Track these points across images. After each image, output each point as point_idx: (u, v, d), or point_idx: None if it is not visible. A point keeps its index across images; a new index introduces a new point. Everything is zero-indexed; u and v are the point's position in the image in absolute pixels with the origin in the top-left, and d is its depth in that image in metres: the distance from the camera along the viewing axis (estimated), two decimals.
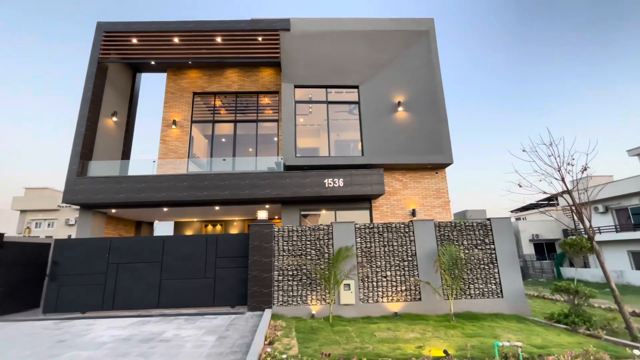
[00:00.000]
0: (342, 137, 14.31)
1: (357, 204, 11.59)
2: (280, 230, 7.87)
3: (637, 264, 24.36)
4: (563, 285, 7.01)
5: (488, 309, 7.47)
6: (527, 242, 33.78)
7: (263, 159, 12.88)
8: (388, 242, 7.85)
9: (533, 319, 7.25)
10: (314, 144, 16.39)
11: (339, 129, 14.76)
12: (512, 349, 4.49)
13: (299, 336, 5.71)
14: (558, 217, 35.35)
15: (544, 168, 7.53)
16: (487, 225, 8.04)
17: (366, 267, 7.69)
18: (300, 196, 10.63)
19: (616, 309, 10.51)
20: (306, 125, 16.34)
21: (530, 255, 33.30)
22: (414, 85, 12.41)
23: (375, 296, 7.51)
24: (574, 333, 6.10)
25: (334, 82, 12.76)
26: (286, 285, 7.51)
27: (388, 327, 6.31)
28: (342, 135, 14.35)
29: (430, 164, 11.67)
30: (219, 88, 14.15)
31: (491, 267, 7.77)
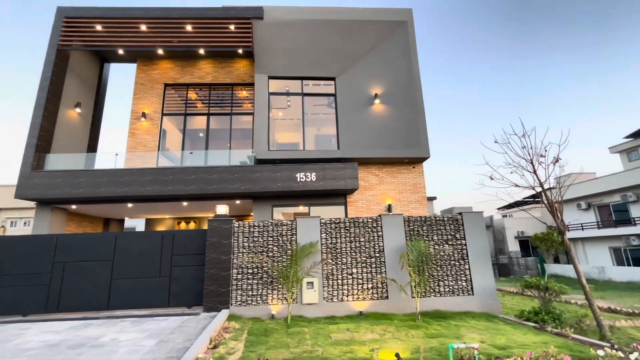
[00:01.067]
0: (323, 132, 13.90)
1: (332, 199, 11.19)
2: (241, 226, 7.41)
3: (619, 260, 24.59)
4: (533, 281, 6.73)
5: (458, 307, 7.15)
6: (512, 239, 33.97)
7: (237, 153, 12.37)
8: (355, 238, 7.47)
9: (503, 317, 6.96)
10: (295, 138, 15.94)
11: (319, 123, 14.35)
12: (468, 351, 4.14)
13: (248, 339, 5.29)
14: (542, 214, 35.64)
15: (517, 160, 7.23)
16: (458, 220, 7.72)
17: (331, 264, 7.29)
18: (271, 191, 10.18)
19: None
20: (286, 119, 15.93)
21: (516, 252, 33.48)
22: (392, 77, 12.05)
23: (340, 295, 7.12)
24: (542, 332, 5.80)
25: (310, 73, 12.32)
26: (245, 284, 7.06)
27: (348, 327, 5.93)
28: (323, 129, 13.94)
29: (407, 158, 11.34)
30: (191, 79, 13.57)
31: (462, 263, 7.45)
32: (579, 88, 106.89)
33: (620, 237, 23.44)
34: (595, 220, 26.18)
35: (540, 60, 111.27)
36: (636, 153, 23.98)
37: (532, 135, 7.17)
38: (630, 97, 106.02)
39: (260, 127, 11.50)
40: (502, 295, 12.93)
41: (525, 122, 7.10)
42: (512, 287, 16.05)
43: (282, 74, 12.27)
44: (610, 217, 25.22)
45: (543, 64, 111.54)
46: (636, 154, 23.99)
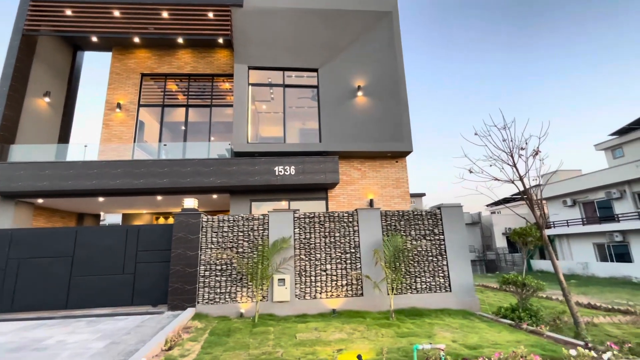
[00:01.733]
0: (309, 126, 13.54)
1: (312, 193, 10.88)
2: (210, 220, 7.05)
3: (602, 256, 24.86)
4: (510, 277, 6.54)
5: (435, 304, 6.93)
6: (500, 236, 34.21)
7: (215, 145, 11.94)
8: (330, 233, 7.18)
9: (481, 314, 6.76)
10: (279, 132, 15.52)
11: (304, 116, 14.01)
12: (434, 352, 3.89)
13: (208, 339, 4.96)
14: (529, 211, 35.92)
15: (497, 153, 7.01)
16: (436, 214, 7.49)
17: (304, 260, 6.99)
18: (248, 185, 9.82)
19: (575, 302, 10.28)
20: (270, 112, 15.53)
21: (503, 248, 33.73)
22: (375, 69, 11.74)
23: (313, 292, 6.84)
24: (517, 330, 5.61)
25: (291, 64, 11.94)
26: (213, 281, 6.72)
27: (317, 326, 5.65)
28: (308, 123, 13.58)
29: (390, 152, 11.08)
30: (170, 69, 13.06)
31: (440, 259, 7.23)
32: (567, 84, 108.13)
33: (604, 233, 23.68)
34: (580, 217, 26.40)
35: (529, 55, 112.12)
36: (620, 150, 24.20)
37: (513, 127, 6.97)
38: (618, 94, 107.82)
39: (239, 119, 11.09)
40: (483, 292, 12.84)
41: (512, 119, 6.86)
42: (496, 284, 16.04)
43: (262, 64, 11.86)
44: (595, 214, 25.46)
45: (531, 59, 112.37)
46: (620, 151, 24.21)
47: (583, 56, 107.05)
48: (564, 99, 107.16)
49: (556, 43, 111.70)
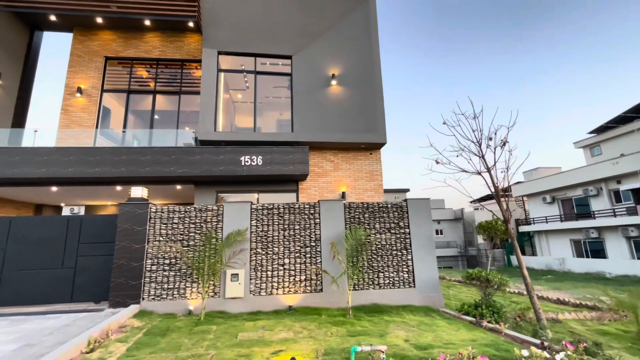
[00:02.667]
0: (286, 116, 13.05)
1: (282, 185, 10.44)
2: (159, 210, 6.54)
3: (578, 252, 25.26)
4: (474, 273, 6.28)
5: (398, 301, 6.63)
6: None
7: (181, 133, 11.34)
8: (289, 225, 6.77)
9: (444, 310, 6.50)
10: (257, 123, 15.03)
11: (281, 106, 13.48)
12: (375, 355, 3.54)
13: (140, 340, 4.51)
14: (511, 208, 36.37)
15: (466, 144, 6.70)
16: (402, 207, 7.16)
17: (261, 254, 6.57)
18: (211, 175, 9.30)
19: (544, 297, 10.20)
20: (247, 102, 14.96)
21: (484, 244, 34.08)
22: (351, 57, 11.32)
23: (270, 287, 6.43)
24: (476, 327, 5.34)
25: (264, 50, 11.39)
26: (161, 276, 6.24)
27: (266, 324, 5.26)
28: (285, 114, 13.08)
29: (364, 143, 10.71)
30: (136, 53, 12.33)
31: (404, 253, 6.92)
32: (550, 83, 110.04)
33: (581, 230, 24.02)
34: (559, 214, 26.76)
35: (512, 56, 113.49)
36: (598, 148, 24.54)
37: (481, 117, 6.66)
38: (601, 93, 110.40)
39: (206, 106, 10.52)
40: (457, 287, 12.68)
41: (481, 108, 6.55)
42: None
43: (233, 49, 11.27)
44: (573, 211, 25.82)
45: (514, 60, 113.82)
46: (598, 149, 24.54)
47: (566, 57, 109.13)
48: (547, 97, 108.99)
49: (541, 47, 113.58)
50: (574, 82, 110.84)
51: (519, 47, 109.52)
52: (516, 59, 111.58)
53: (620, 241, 21.66)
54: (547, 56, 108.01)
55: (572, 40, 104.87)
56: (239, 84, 13.36)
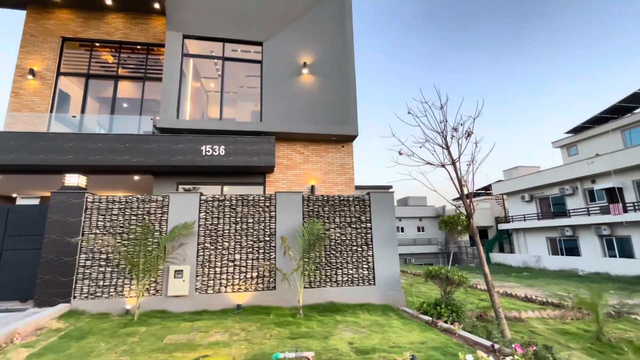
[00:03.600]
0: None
1: (248, 177, 9.94)
2: (96, 200, 5.97)
3: (554, 249, 25.67)
4: (434, 270, 5.98)
5: (357, 299, 6.27)
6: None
7: (147, 122, 10.65)
8: (242, 219, 6.30)
9: (403, 309, 6.18)
10: (231, 114, 14.45)
11: (256, 98, 12.92)
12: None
13: (50, 345, 3.98)
14: (492, 206, 36.83)
15: (430, 134, 6.36)
16: (365, 201, 6.80)
17: (210, 249, 6.09)
18: (170, 165, 8.72)
19: (512, 295, 10.09)
20: (220, 92, 14.35)
21: (465, 241, 34.42)
22: (323, 46, 10.87)
23: (218, 285, 5.97)
24: (431, 328, 5.03)
25: (234, 35, 10.80)
26: (96, 272, 5.69)
27: (203, 325, 4.80)
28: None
29: (335, 135, 10.30)
30: (97, 35, 11.52)
31: (365, 249, 6.56)
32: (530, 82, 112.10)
33: (557, 228, 24.41)
34: (536, 212, 27.13)
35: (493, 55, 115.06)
36: (575, 148, 24.90)
37: (446, 108, 6.33)
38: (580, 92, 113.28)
39: (169, 93, 9.89)
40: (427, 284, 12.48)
41: (446, 97, 6.20)
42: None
43: (200, 33, 10.65)
44: (549, 209, 26.22)
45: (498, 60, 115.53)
46: (575, 149, 24.91)
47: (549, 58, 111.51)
48: (526, 96, 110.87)
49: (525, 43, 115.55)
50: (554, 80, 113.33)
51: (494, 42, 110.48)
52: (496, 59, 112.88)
53: (593, 239, 22.07)
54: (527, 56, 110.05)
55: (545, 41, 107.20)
56: (211, 72, 12.72)
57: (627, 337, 5.29)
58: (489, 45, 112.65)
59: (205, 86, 13.70)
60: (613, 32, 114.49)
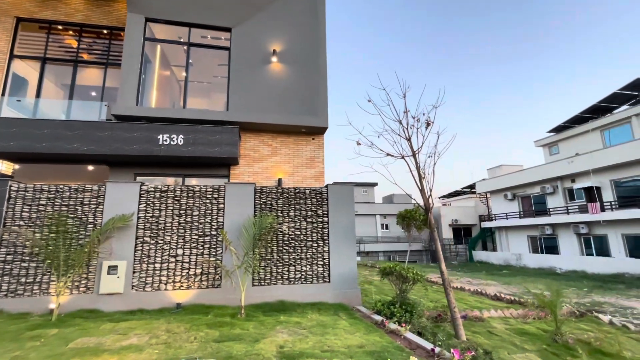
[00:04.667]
0: None
1: (211, 169, 9.45)
2: (22, 189, 5.44)
3: (534, 247, 25.84)
4: (388, 267, 5.64)
5: (310, 297, 5.91)
6: (447, 227, 34.90)
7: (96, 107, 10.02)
8: (187, 211, 5.85)
9: (358, 308, 5.84)
10: (203, 105, 13.91)
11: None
12: None
13: None
14: (476, 204, 37.03)
15: (391, 125, 6.01)
16: (322, 194, 6.42)
17: (150, 243, 5.63)
18: (124, 155, 8.18)
19: (482, 293, 9.87)
20: (194, 81, 13.78)
21: (449, 239, 34.48)
22: (294, 34, 10.41)
23: (157, 282, 5.52)
24: (379, 329, 4.69)
25: (201, 20, 10.23)
26: (19, 267, 5.17)
27: (128, 327, 4.36)
28: None
29: (304, 126, 9.88)
30: (55, 16, 10.81)
31: (321, 244, 6.19)
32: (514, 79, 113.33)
33: (537, 226, 24.56)
34: (518, 210, 27.27)
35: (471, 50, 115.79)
36: (556, 147, 25.03)
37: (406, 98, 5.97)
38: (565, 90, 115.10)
39: (128, 79, 9.30)
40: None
41: (407, 85, 5.83)
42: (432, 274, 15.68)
43: (164, 16, 10.06)
44: (531, 208, 26.37)
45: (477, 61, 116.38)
46: (556, 148, 25.04)
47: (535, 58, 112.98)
48: (510, 94, 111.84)
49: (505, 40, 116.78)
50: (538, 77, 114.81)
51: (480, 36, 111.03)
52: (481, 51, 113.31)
53: (572, 238, 22.24)
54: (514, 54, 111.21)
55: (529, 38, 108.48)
56: (183, 61, 12.10)
57: (585, 338, 5.05)
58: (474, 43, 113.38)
59: (178, 75, 13.11)
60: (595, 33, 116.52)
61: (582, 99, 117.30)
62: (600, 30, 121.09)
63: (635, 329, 5.63)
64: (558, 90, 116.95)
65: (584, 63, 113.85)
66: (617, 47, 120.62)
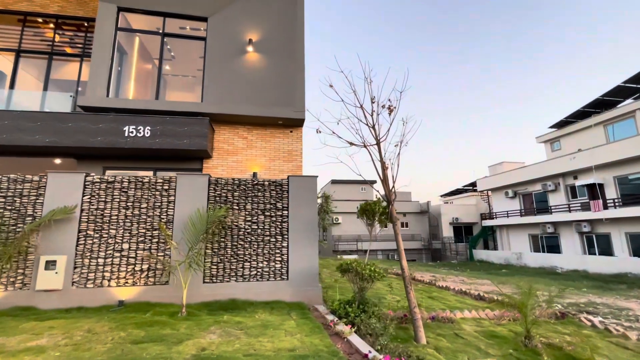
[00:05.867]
0: None
1: (183, 163, 9.12)
2: None
3: (536, 246, 25.11)
4: (344, 264, 5.22)
5: (266, 296, 5.53)
6: (447, 225, 34.23)
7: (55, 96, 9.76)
8: (134, 204, 5.52)
9: (316, 307, 5.45)
10: (188, 99, 13.59)
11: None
12: None
13: None
14: (477, 202, 36.27)
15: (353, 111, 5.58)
16: (283, 185, 6.03)
17: (94, 237, 5.31)
18: (88, 147, 7.91)
19: (466, 292, 9.39)
20: (178, 75, 13.52)
21: (449, 237, 33.79)
22: (272, 22, 10.03)
23: (100, 278, 5.20)
24: (324, 330, 4.29)
25: (176, 8, 9.92)
26: None
27: (45, 327, 4.03)
28: None
29: (280, 118, 9.49)
30: (30, 7, 10.60)
31: (279, 239, 5.81)
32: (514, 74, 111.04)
33: (538, 224, 23.84)
34: (519, 208, 26.54)
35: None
36: (558, 143, 24.24)
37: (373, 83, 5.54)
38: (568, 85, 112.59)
39: (98, 69, 9.02)
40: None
41: (369, 68, 5.44)
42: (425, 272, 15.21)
43: (137, 5, 9.75)
44: (533, 206, 25.63)
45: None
46: (558, 144, 24.25)
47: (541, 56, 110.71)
48: (511, 89, 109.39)
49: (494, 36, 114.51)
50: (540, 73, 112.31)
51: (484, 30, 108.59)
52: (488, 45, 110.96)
53: (574, 236, 21.52)
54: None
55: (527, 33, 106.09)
56: (166, 54, 11.80)
57: (557, 343, 4.59)
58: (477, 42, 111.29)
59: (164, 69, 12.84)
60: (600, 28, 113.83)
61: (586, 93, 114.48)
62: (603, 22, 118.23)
63: (616, 332, 5.13)
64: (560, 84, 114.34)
65: (588, 54, 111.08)
66: (622, 38, 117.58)
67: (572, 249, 21.72)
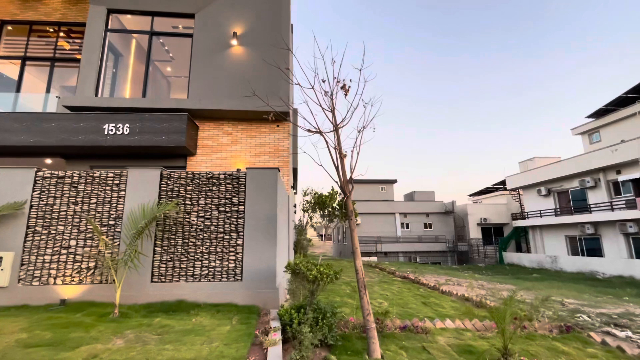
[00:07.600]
0: None
1: (166, 160, 9.00)
2: None
3: (573, 249, 22.78)
4: (291, 264, 4.61)
5: (218, 297, 5.10)
6: (475, 226, 32.19)
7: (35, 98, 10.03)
8: (83, 199, 5.33)
9: (270, 312, 4.92)
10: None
11: None
12: None
13: None
14: (508, 201, 33.74)
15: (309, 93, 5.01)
16: (239, 179, 5.58)
17: (42, 233, 5.18)
18: (70, 145, 8.00)
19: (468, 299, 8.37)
20: (180, 77, 13.67)
21: (477, 239, 31.73)
22: (257, 15, 9.71)
23: (46, 276, 5.04)
24: (253, 339, 3.75)
25: (162, 7, 9.92)
26: None
27: None
28: None
29: (265, 112, 9.07)
30: (36, 16, 11.12)
31: (234, 237, 5.35)
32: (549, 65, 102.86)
33: (576, 225, 21.58)
34: (554, 207, 24.23)
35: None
36: (597, 135, 21.77)
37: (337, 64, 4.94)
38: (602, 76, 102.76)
39: (87, 70, 9.17)
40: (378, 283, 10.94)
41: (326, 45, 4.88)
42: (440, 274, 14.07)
43: (125, 6, 9.86)
44: (569, 204, 23.28)
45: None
46: (597, 135, 21.78)
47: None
48: (546, 80, 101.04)
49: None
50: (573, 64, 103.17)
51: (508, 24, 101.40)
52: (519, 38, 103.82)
53: (618, 238, 19.19)
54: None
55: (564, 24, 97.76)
56: (159, 54, 11.95)
57: None
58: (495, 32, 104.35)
59: (163, 71, 13.01)
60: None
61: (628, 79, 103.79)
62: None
63: (631, 352, 4.10)
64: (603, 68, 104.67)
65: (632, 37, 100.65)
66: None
67: (615, 252, 19.37)
